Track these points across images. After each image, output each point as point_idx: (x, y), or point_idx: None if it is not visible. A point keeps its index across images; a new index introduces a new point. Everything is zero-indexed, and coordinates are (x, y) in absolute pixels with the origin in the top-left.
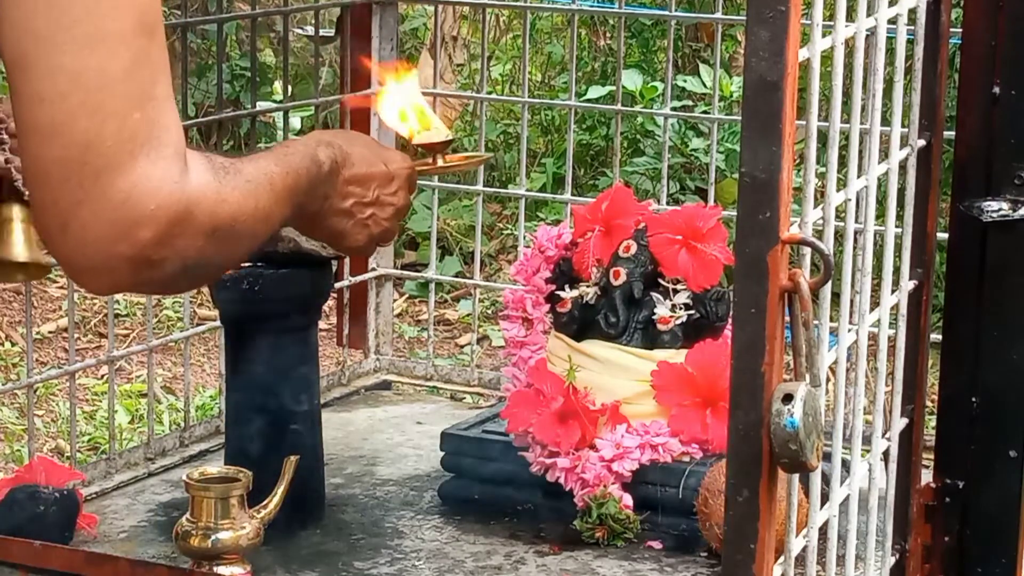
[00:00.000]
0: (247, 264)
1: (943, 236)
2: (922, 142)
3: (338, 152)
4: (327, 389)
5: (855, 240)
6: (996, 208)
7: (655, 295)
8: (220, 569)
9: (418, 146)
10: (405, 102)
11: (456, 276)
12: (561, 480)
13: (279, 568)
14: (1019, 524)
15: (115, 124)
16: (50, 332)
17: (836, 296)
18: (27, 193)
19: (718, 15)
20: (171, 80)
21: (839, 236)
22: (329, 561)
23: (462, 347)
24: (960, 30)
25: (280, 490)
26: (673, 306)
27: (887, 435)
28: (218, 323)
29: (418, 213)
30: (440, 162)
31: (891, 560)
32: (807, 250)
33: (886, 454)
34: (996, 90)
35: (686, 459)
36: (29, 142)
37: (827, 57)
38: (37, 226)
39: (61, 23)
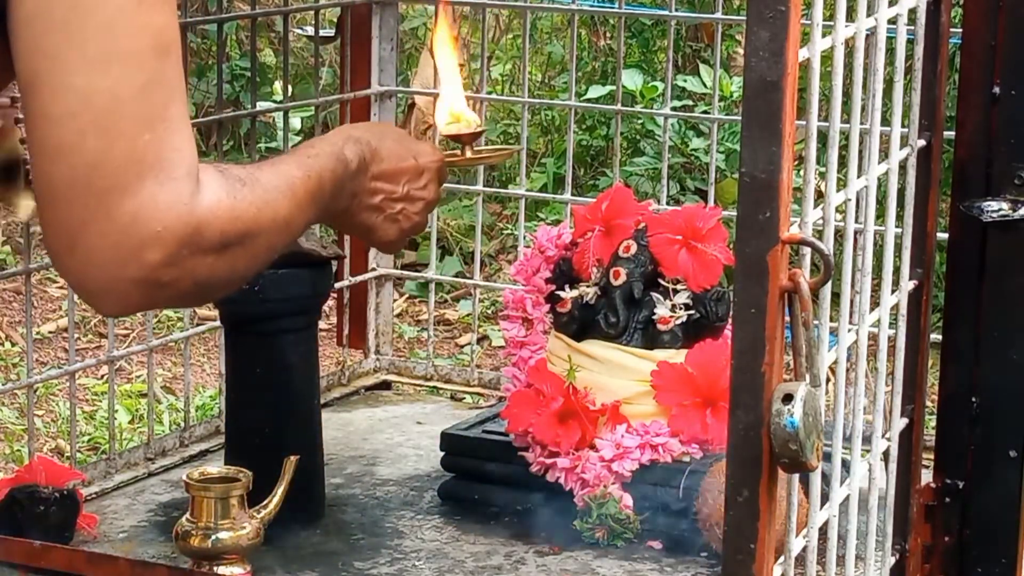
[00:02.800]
0: None
1: (943, 236)
2: (922, 142)
3: (366, 148)
4: (327, 389)
5: (855, 240)
6: (996, 208)
7: (655, 295)
8: (220, 569)
9: (447, 137)
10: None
11: (456, 276)
12: (561, 480)
13: (279, 568)
14: (1019, 524)
15: (124, 145)
16: (50, 332)
17: (836, 296)
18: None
19: (718, 15)
20: (186, 99)
21: (839, 236)
22: (329, 561)
23: (462, 347)
24: (960, 30)
25: (280, 490)
26: (673, 306)
27: (887, 435)
28: (218, 323)
29: None
30: (468, 153)
31: (891, 560)
32: (807, 250)
33: (886, 454)
34: (996, 90)
35: (686, 459)
36: (39, 161)
37: (827, 57)
38: (46, 245)
39: (74, 42)
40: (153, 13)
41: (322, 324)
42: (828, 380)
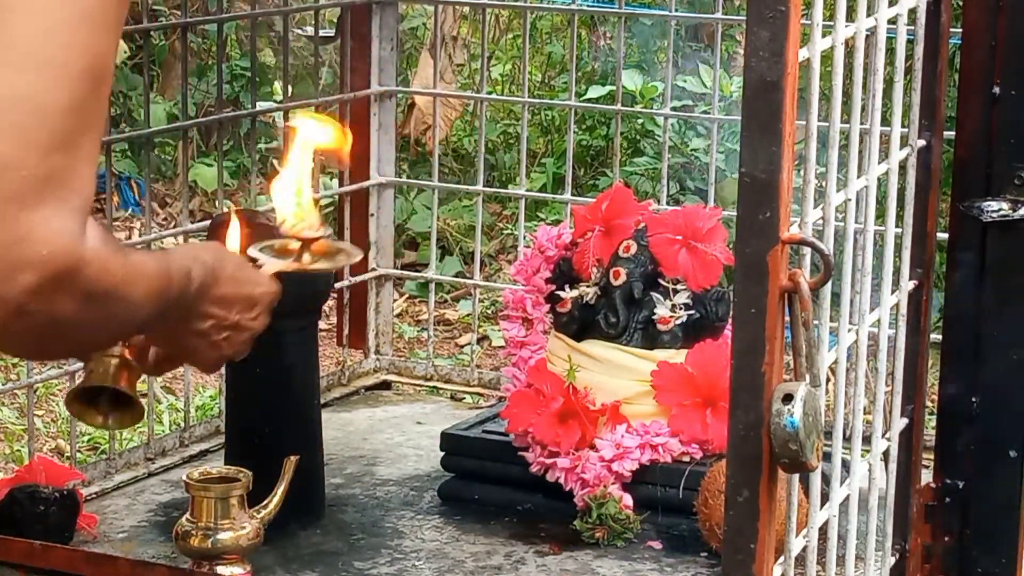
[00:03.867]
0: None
1: (943, 236)
2: (922, 142)
3: (208, 273)
4: (327, 389)
5: (855, 240)
6: (996, 208)
7: (655, 295)
8: (220, 569)
9: (290, 236)
10: (295, 181)
11: (456, 276)
12: (561, 480)
13: (279, 568)
14: (1019, 524)
15: (35, 158)
16: None
17: (836, 296)
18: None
19: (718, 15)
20: (100, 143)
21: (839, 236)
22: (329, 561)
23: (462, 347)
24: (960, 30)
25: (280, 490)
26: (673, 306)
27: (887, 435)
28: None
29: (418, 213)
30: (306, 257)
31: (891, 560)
32: (807, 250)
33: (886, 454)
34: (996, 90)
35: (686, 459)
36: None
37: (827, 57)
38: None
39: (8, 38)
40: (97, 35)
41: (322, 324)
42: (828, 380)
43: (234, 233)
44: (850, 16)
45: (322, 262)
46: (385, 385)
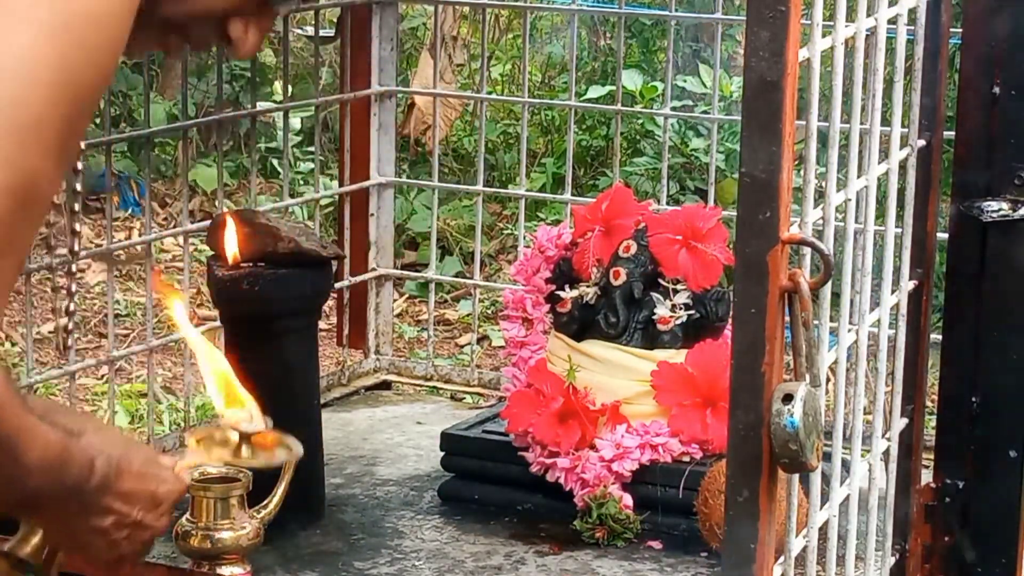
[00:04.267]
0: (247, 264)
1: (943, 236)
2: (922, 142)
3: (113, 467)
4: (327, 389)
5: (855, 240)
6: (996, 208)
7: (655, 295)
8: (220, 569)
9: (231, 427)
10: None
11: (456, 276)
12: (561, 480)
13: (279, 568)
14: (1019, 524)
15: None
16: (50, 332)
17: (836, 296)
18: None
19: (718, 15)
20: (18, 272)
21: (839, 236)
22: (329, 561)
23: (462, 347)
24: (960, 30)
25: (280, 490)
26: (673, 306)
27: (887, 435)
28: (218, 323)
29: (418, 213)
30: (244, 450)
31: (891, 560)
32: (807, 250)
33: (886, 454)
34: (996, 90)
35: (686, 459)
36: None
37: (827, 57)
38: None
39: None
40: (29, 154)
41: (322, 324)
42: (828, 380)
43: (231, 236)
44: (850, 16)
45: (260, 457)
46: (385, 385)
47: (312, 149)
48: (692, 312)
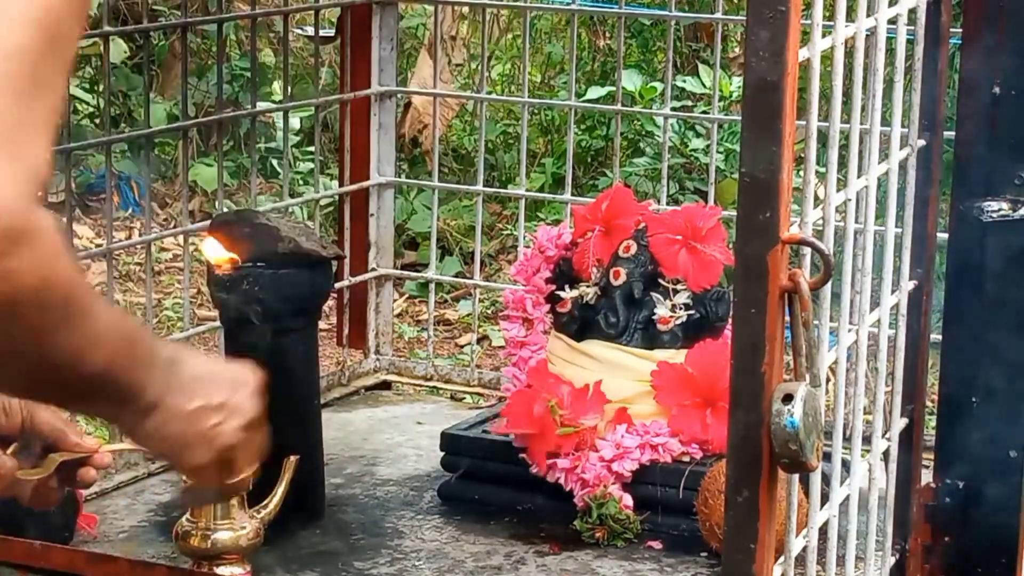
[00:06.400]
0: (247, 264)
1: (943, 236)
2: (922, 142)
3: (178, 353)
4: (327, 389)
5: (855, 240)
6: (996, 208)
7: (655, 295)
8: (220, 569)
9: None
10: None
11: (456, 276)
12: (561, 480)
13: (279, 568)
14: (1019, 524)
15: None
16: None
17: (836, 296)
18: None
19: (718, 15)
20: (56, 117)
21: (839, 236)
22: (329, 561)
23: (462, 347)
24: (960, 30)
25: (280, 490)
26: (673, 306)
27: (887, 435)
28: (218, 323)
29: (418, 213)
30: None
31: (891, 560)
32: (807, 250)
33: (886, 454)
34: (996, 90)
35: (686, 459)
36: None
37: (827, 57)
38: None
39: None
40: None
41: (322, 324)
42: (828, 380)
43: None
44: (850, 16)
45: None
46: (385, 385)
47: (312, 149)
48: (692, 312)
